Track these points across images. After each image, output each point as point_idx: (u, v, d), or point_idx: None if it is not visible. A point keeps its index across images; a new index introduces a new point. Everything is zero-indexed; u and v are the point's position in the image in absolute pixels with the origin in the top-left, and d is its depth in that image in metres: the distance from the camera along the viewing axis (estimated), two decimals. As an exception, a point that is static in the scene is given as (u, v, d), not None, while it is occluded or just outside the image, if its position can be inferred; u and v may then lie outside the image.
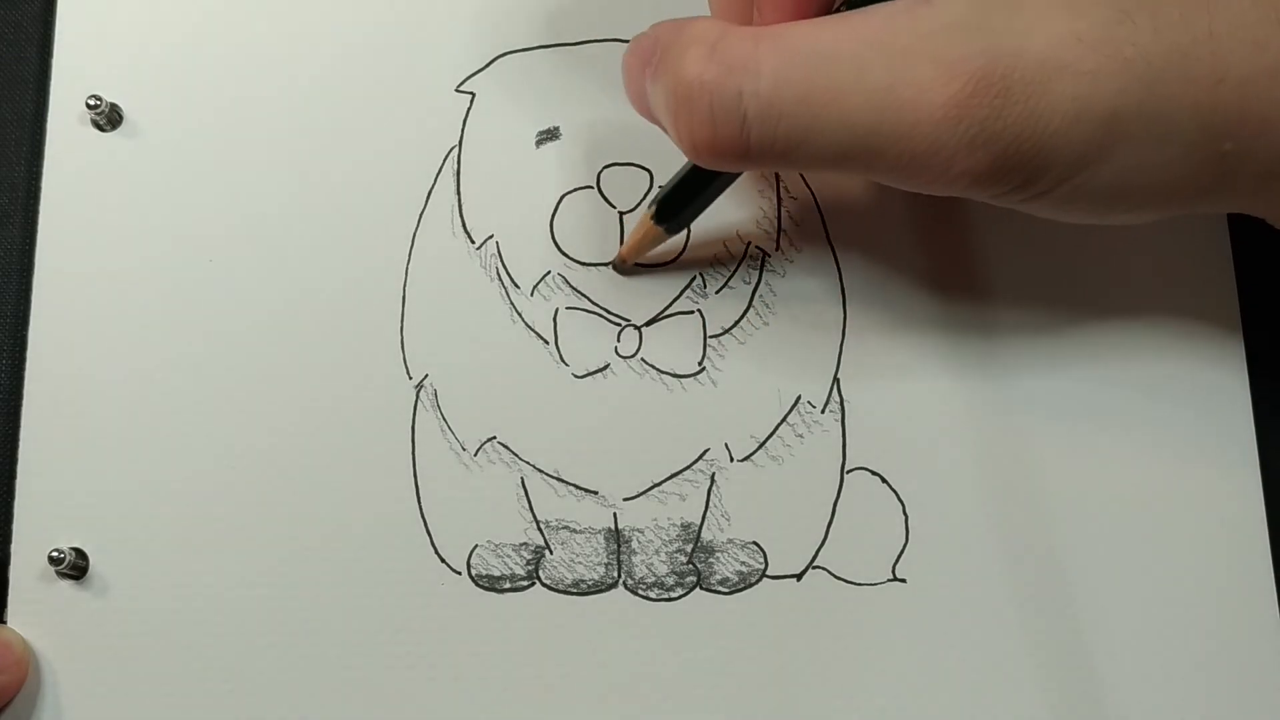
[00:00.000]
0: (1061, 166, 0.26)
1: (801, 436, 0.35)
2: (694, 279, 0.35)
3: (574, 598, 0.34)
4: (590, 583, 0.34)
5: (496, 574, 0.34)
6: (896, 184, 0.29)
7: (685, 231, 0.35)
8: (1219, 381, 0.35)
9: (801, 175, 0.36)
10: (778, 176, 0.36)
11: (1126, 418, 0.34)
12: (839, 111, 0.26)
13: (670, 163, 0.36)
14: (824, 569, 0.34)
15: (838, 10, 0.29)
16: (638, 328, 0.35)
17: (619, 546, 0.34)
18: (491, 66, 0.37)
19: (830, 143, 0.26)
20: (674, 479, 0.34)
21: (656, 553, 0.34)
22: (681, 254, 0.35)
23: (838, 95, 0.26)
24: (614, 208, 0.36)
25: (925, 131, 0.26)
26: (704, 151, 0.28)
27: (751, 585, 0.34)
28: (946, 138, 0.26)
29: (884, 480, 0.34)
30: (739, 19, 0.30)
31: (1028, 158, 0.26)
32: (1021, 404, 0.34)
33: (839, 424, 0.35)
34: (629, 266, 0.35)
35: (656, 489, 0.34)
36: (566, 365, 0.35)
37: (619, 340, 0.35)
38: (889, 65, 0.26)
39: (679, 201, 0.33)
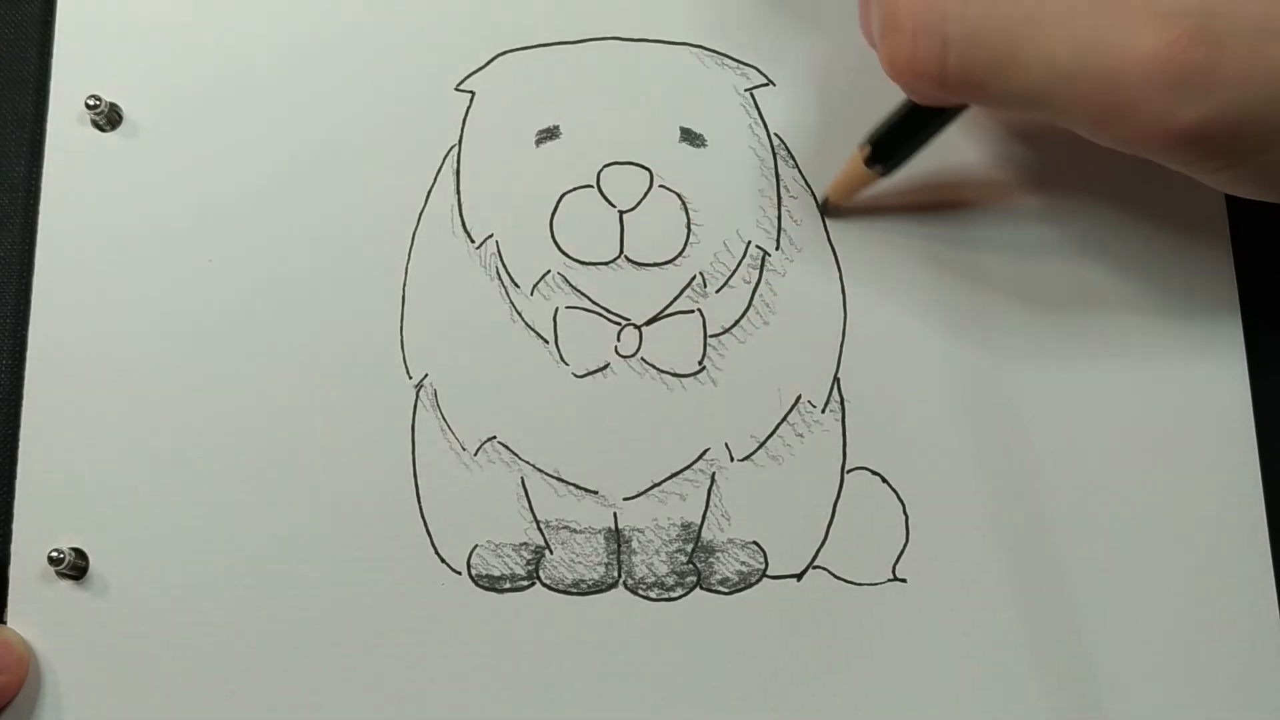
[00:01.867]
0: (1269, 134, 0.25)
1: (801, 436, 0.34)
2: (694, 278, 0.35)
3: (574, 598, 0.34)
4: (590, 583, 0.34)
5: (496, 574, 0.34)
6: (1090, 134, 0.28)
7: (684, 238, 0.35)
8: (1219, 382, 0.35)
9: (801, 173, 0.36)
10: (777, 175, 0.36)
11: (1126, 418, 0.34)
12: (1042, 48, 0.25)
13: (670, 162, 0.36)
14: (824, 569, 0.34)
15: None
16: (638, 327, 0.35)
17: (619, 546, 0.34)
18: (491, 66, 0.37)
19: (1029, 80, 0.26)
20: (674, 479, 0.34)
21: (656, 553, 0.34)
22: (681, 254, 0.35)
23: (1042, 30, 0.25)
24: (614, 207, 0.36)
25: (1131, 80, 0.25)
26: (903, 70, 0.28)
27: (751, 585, 0.34)
28: (1151, 91, 0.25)
29: (884, 480, 0.34)
30: None
31: (1232, 124, 0.25)
32: (1022, 404, 0.34)
33: (839, 424, 0.35)
34: (838, 209, 0.34)
35: (657, 489, 0.34)
36: (566, 365, 0.35)
37: (619, 340, 0.35)
38: (1100, 7, 0.25)
39: (892, 140, 0.32)
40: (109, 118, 0.36)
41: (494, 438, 0.35)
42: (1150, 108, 0.25)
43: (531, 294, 0.35)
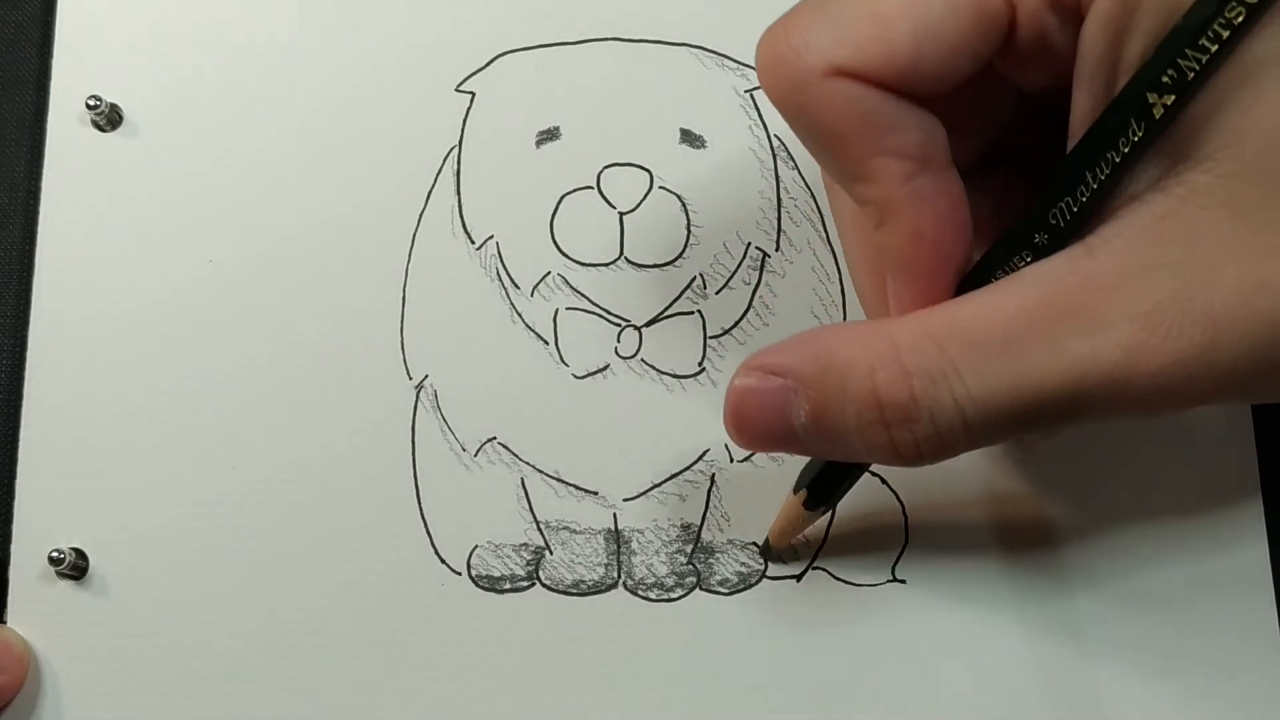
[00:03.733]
0: None
1: (801, 437, 0.34)
2: (694, 279, 0.35)
3: (574, 598, 0.34)
4: (590, 583, 0.34)
5: (496, 574, 0.34)
6: (1118, 423, 0.29)
7: (684, 239, 0.35)
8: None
9: (801, 173, 0.36)
10: (777, 176, 0.36)
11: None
12: (1048, 389, 0.25)
13: (670, 164, 0.36)
14: (824, 569, 0.34)
15: (979, 281, 0.27)
16: (638, 328, 0.35)
17: (619, 547, 0.34)
18: (491, 66, 0.37)
19: (1047, 414, 0.26)
20: (674, 479, 0.34)
21: (656, 553, 0.34)
22: (680, 256, 0.35)
23: (1043, 375, 0.25)
24: (614, 208, 0.36)
25: (1141, 384, 0.25)
26: (932, 457, 0.27)
27: (751, 586, 0.34)
28: (1164, 384, 0.25)
29: (884, 481, 0.34)
30: (881, 277, 0.29)
31: (1249, 376, 0.25)
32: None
33: (839, 424, 0.35)
34: (779, 551, 0.34)
35: (656, 490, 0.34)
36: (566, 365, 0.35)
37: (619, 340, 0.35)
38: (1082, 332, 0.25)
39: (830, 484, 0.31)
40: (109, 118, 0.36)
41: (494, 438, 0.35)
42: (1168, 396, 0.25)
43: (531, 295, 0.35)
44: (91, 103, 0.36)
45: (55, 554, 0.33)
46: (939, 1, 0.25)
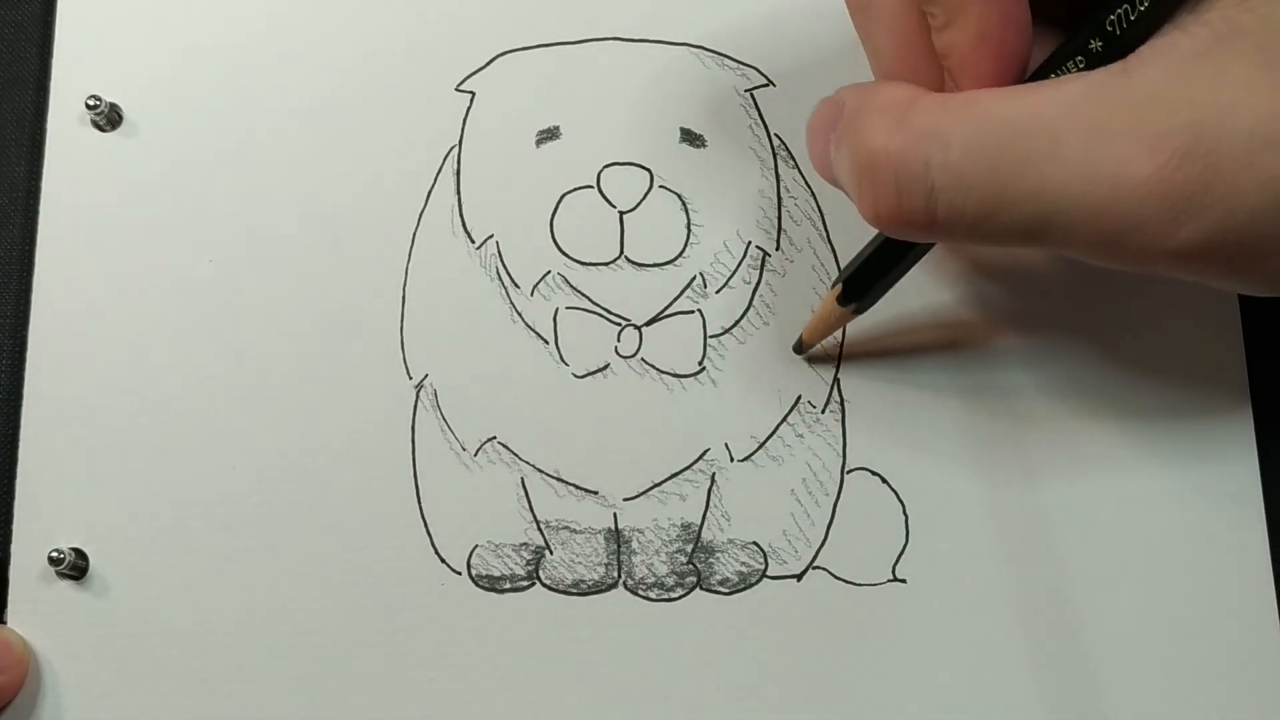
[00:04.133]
0: (1271, 242, 0.25)
1: (801, 436, 0.35)
2: (694, 279, 0.35)
3: (574, 598, 0.34)
4: (590, 583, 0.34)
5: (496, 574, 0.34)
6: (1092, 260, 0.27)
7: (684, 238, 0.35)
8: (1218, 380, 0.35)
9: (801, 173, 0.36)
10: (777, 176, 0.36)
11: (1126, 417, 0.34)
12: (1032, 185, 0.25)
13: (670, 163, 0.36)
14: (824, 569, 0.34)
15: (1031, 79, 0.28)
16: (638, 328, 0.35)
17: (619, 547, 0.34)
18: (491, 66, 0.37)
19: (1023, 216, 0.26)
20: (674, 479, 0.34)
21: (656, 553, 0.34)
22: (680, 255, 0.35)
23: (1031, 168, 0.25)
24: (614, 207, 0.36)
25: (1127, 208, 0.25)
26: (888, 222, 0.27)
27: (751, 585, 0.34)
28: (1150, 214, 0.25)
29: (884, 480, 0.34)
30: (929, 84, 0.29)
31: (1234, 236, 0.25)
32: (1021, 403, 0.34)
33: (839, 424, 0.35)
34: (811, 350, 0.34)
35: (656, 489, 0.34)
36: (566, 365, 0.35)
37: (619, 340, 0.35)
38: (1086, 139, 0.25)
39: (866, 278, 0.31)
40: (109, 118, 0.36)
41: (494, 438, 0.35)
42: (1151, 231, 0.25)
43: (532, 294, 0.35)
44: (91, 103, 0.36)
45: (55, 554, 0.33)
46: None
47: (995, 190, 0.25)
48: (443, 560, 0.34)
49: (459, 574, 0.34)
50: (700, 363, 0.35)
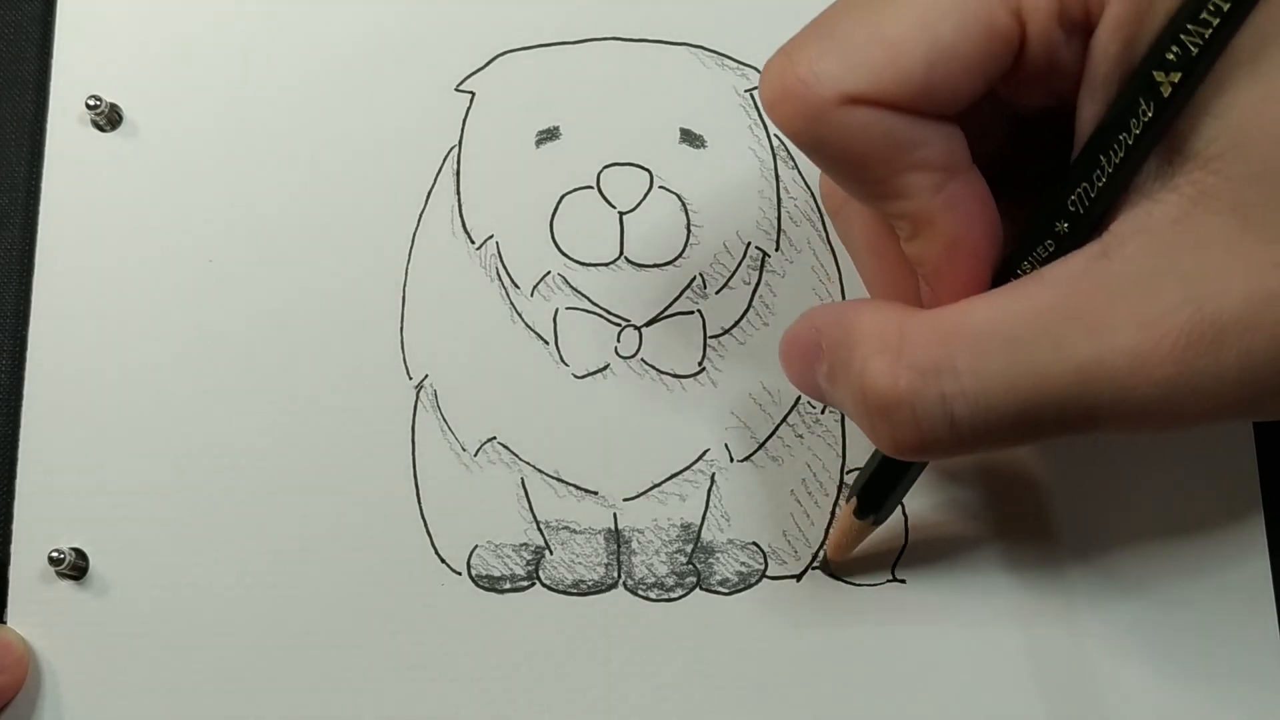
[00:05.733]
0: None
1: (801, 436, 0.35)
2: (694, 279, 0.35)
3: (574, 598, 0.34)
4: (590, 583, 0.34)
5: (496, 574, 0.34)
6: (1120, 435, 0.28)
7: (684, 239, 0.35)
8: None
9: (800, 173, 0.36)
10: (777, 176, 0.36)
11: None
12: (1049, 392, 0.25)
13: (670, 163, 0.36)
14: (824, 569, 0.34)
15: (1002, 269, 0.27)
16: (638, 328, 0.35)
17: (619, 547, 0.34)
18: (491, 66, 0.37)
19: (1046, 420, 0.25)
20: (674, 479, 0.34)
21: (656, 553, 0.34)
22: (680, 255, 0.35)
23: (1044, 378, 0.25)
24: (614, 208, 0.36)
25: (1146, 393, 0.24)
26: (911, 453, 0.27)
27: (751, 586, 0.34)
28: (1169, 395, 0.24)
29: (884, 480, 0.34)
30: (905, 288, 0.29)
31: (1253, 390, 0.25)
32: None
33: (839, 424, 0.35)
34: (838, 565, 0.34)
35: (656, 489, 0.34)
36: (566, 365, 0.35)
37: (619, 340, 0.35)
38: (1089, 336, 0.25)
39: (879, 491, 0.31)
40: (109, 118, 0.36)
41: (494, 438, 0.35)
42: (1176, 403, 0.25)
43: (531, 295, 0.35)
44: (91, 103, 0.36)
45: (55, 554, 0.33)
46: (948, 23, 0.25)
47: (1015, 406, 0.25)
48: (443, 560, 0.34)
49: (459, 574, 0.34)
50: (700, 363, 0.35)
